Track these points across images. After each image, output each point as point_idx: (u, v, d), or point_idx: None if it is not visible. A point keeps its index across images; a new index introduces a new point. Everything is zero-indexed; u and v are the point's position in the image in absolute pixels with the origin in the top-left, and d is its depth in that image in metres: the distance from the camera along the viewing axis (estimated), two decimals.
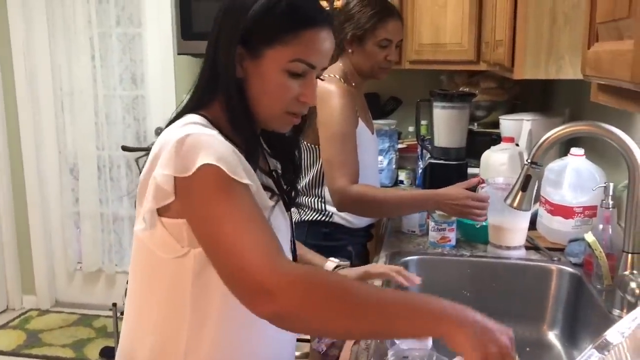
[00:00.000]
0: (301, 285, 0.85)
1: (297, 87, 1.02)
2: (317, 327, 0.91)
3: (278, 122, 1.07)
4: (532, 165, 1.38)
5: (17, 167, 3.73)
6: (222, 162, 0.92)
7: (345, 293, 0.87)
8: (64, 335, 3.48)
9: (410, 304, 0.89)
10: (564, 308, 1.61)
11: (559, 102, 2.65)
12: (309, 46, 1.01)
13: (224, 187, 0.92)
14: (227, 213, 0.91)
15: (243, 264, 0.87)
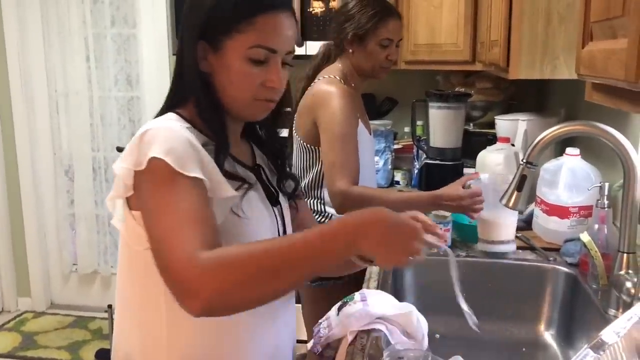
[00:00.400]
0: (211, 273, 0.85)
1: (262, 74, 1.03)
2: (245, 304, 0.91)
3: (249, 111, 1.08)
4: (527, 165, 1.38)
5: (11, 169, 3.71)
6: (170, 155, 0.93)
7: (253, 261, 0.87)
8: (60, 337, 3.47)
9: (315, 238, 0.90)
10: (560, 308, 1.61)
11: (554, 102, 2.65)
12: (266, 31, 1.01)
13: (167, 181, 0.93)
14: (164, 208, 0.92)
15: (168, 262, 0.89)
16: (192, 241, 0.88)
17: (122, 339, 1.12)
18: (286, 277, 0.89)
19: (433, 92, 2.51)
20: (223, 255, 0.87)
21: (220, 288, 0.85)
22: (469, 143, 2.56)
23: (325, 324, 1.34)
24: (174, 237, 0.89)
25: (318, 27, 2.90)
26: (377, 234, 0.88)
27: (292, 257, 0.88)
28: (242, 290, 0.87)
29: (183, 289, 0.87)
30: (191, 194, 0.93)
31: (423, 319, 1.28)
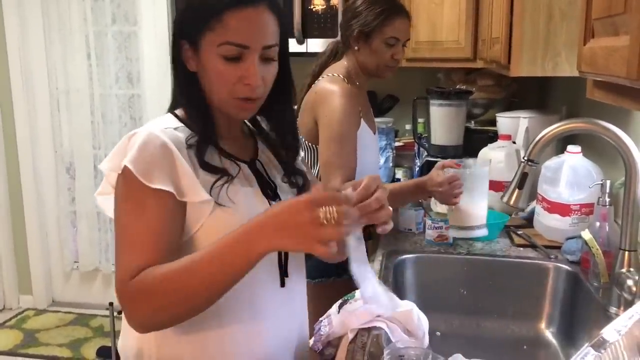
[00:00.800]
0: (134, 300, 0.95)
1: (238, 71, 1.03)
2: (173, 321, 0.98)
3: (230, 108, 1.09)
4: (528, 163, 1.38)
5: (13, 167, 3.71)
6: (137, 164, 0.98)
7: (166, 285, 0.93)
8: (61, 334, 3.47)
9: (216, 251, 0.92)
10: (561, 306, 1.60)
11: (555, 100, 2.65)
12: (234, 27, 1.01)
13: (130, 192, 1.00)
14: (122, 222, 1.00)
15: (115, 281, 0.98)
16: (126, 269, 0.96)
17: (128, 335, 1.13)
18: (200, 293, 0.94)
19: (434, 90, 2.51)
20: (141, 283, 0.94)
21: (144, 312, 0.96)
22: (470, 140, 2.55)
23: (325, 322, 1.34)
24: (117, 261, 0.98)
25: (319, 24, 2.89)
26: (267, 229, 0.88)
27: (200, 274, 0.92)
28: (161, 312, 0.95)
29: (124, 311, 0.99)
30: (148, 209, 0.99)
31: (424, 316, 1.28)
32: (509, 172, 1.98)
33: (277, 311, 1.13)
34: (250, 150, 1.18)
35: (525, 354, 1.54)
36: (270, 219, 0.88)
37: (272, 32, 1.05)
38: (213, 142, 1.09)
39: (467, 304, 1.67)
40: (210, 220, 1.03)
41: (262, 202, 1.12)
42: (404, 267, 1.70)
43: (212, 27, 1.01)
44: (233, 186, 1.07)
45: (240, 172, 1.10)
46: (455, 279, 1.71)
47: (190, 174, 1.02)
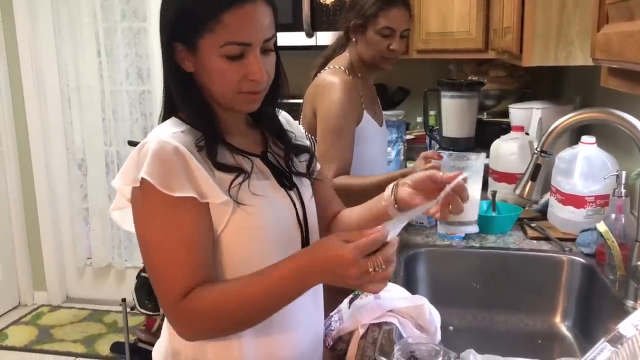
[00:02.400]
0: (187, 319, 1.00)
1: (241, 68, 1.02)
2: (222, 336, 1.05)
3: (237, 104, 1.08)
4: (542, 154, 1.35)
5: (26, 164, 3.73)
6: (156, 176, 0.97)
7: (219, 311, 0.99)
8: (75, 330, 3.49)
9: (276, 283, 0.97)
10: (576, 299, 1.58)
11: (569, 90, 2.61)
12: (235, 26, 0.99)
13: (152, 203, 0.99)
14: (153, 239, 1.00)
15: (158, 297, 1.02)
16: (175, 286, 0.98)
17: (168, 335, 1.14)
18: (249, 320, 1.01)
19: (445, 82, 2.48)
20: (194, 306, 0.98)
21: (193, 332, 1.02)
22: (482, 132, 2.53)
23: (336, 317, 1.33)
24: (161, 280, 1.00)
25: (328, 17, 2.87)
26: (320, 273, 0.94)
27: (252, 304, 0.98)
28: (211, 334, 1.04)
29: (171, 325, 1.03)
30: (176, 220, 0.99)
31: (436, 311, 1.26)
32: (522, 164, 1.95)
33: (305, 302, 1.13)
34: (259, 143, 1.18)
35: (540, 348, 1.51)
36: (318, 266, 0.94)
37: (270, 24, 1.04)
38: (221, 140, 1.07)
39: (480, 298, 1.66)
40: (233, 220, 1.03)
41: (280, 193, 1.12)
42: (416, 261, 1.69)
43: (211, 28, 0.99)
44: (250, 182, 1.06)
45: (254, 167, 1.09)
46: (468, 273, 1.69)
47: (207, 176, 1.01)
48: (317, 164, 1.28)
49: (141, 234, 1.01)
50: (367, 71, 1.97)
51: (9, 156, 3.69)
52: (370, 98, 2.00)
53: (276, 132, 1.21)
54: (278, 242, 1.07)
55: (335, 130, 1.81)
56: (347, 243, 0.91)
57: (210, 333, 1.03)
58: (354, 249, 0.89)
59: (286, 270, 0.95)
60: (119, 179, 1.04)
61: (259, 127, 1.20)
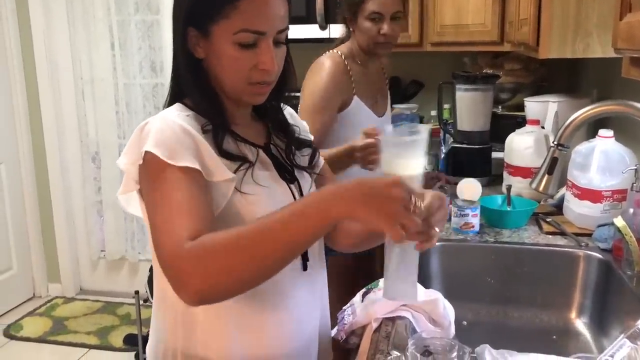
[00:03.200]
0: (194, 262, 0.87)
1: (253, 57, 1.01)
2: (233, 288, 0.91)
3: (246, 95, 1.07)
4: (558, 147, 1.33)
5: (40, 157, 3.75)
6: (160, 147, 0.95)
7: (232, 245, 0.87)
8: (89, 322, 3.52)
9: (288, 213, 0.87)
10: (593, 295, 1.56)
11: (586, 83, 2.57)
12: (250, 14, 0.99)
13: (158, 173, 0.95)
14: (157, 202, 0.95)
15: (160, 255, 0.91)
16: (179, 233, 0.90)
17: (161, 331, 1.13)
18: (267, 256, 0.87)
19: (460, 74, 2.45)
20: (204, 243, 0.88)
21: (204, 275, 0.87)
22: (497, 126, 2.50)
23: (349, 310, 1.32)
24: (164, 231, 0.92)
25: None
26: (352, 195, 0.84)
27: (269, 236, 0.86)
28: (226, 275, 0.87)
29: (175, 281, 0.89)
30: (181, 184, 0.95)
31: (450, 306, 1.25)
32: (538, 158, 1.93)
33: (300, 296, 1.13)
34: (262, 135, 1.17)
35: (555, 344, 1.50)
36: (360, 187, 0.84)
37: (284, 15, 1.03)
38: (227, 128, 1.07)
39: (494, 293, 1.64)
40: (231, 204, 1.02)
41: (281, 185, 1.11)
42: (430, 255, 1.67)
43: (227, 14, 0.98)
44: (254, 171, 1.06)
45: (258, 157, 1.09)
46: (482, 268, 1.67)
47: (213, 153, 1.01)
48: (321, 159, 1.27)
49: (147, 203, 0.99)
50: (367, 59, 2.01)
51: (23, 149, 3.71)
52: (369, 86, 2.01)
53: (280, 125, 1.20)
54: None
55: (313, 109, 1.83)
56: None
57: (221, 276, 0.88)
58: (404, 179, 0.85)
59: (309, 198, 0.89)
60: (123, 157, 1.02)
61: (262, 120, 1.20)
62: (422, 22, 2.79)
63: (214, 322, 1.06)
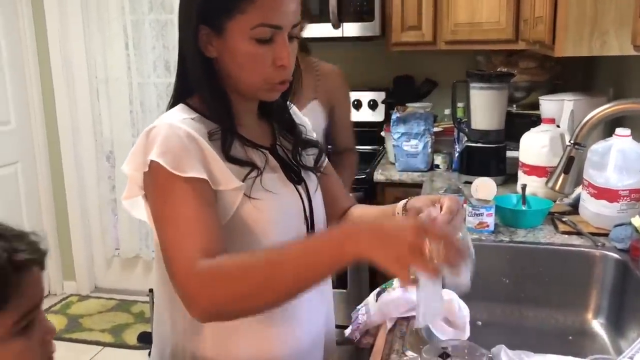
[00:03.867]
0: (206, 285, 0.88)
1: (270, 52, 1.00)
2: (240, 314, 0.93)
3: (263, 93, 1.06)
4: (575, 146, 1.32)
5: (55, 156, 3.78)
6: (166, 156, 0.94)
7: (243, 275, 0.88)
8: (103, 320, 3.54)
9: (302, 250, 0.88)
10: (610, 295, 1.54)
11: (602, 81, 2.55)
12: (267, 8, 0.97)
13: (165, 185, 0.95)
14: (166, 216, 0.95)
15: (171, 272, 0.93)
16: (190, 252, 0.90)
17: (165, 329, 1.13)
18: (277, 290, 0.89)
19: (474, 73, 2.44)
20: (213, 268, 0.89)
21: (214, 300, 0.89)
22: (512, 125, 2.48)
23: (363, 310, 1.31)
24: (176, 249, 0.92)
25: (355, 8, 2.84)
26: (366, 235, 0.84)
27: (279, 270, 0.87)
28: (234, 302, 0.89)
29: (185, 298, 0.91)
30: (188, 198, 0.94)
31: (465, 306, 1.24)
32: (553, 157, 1.92)
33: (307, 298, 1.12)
34: (268, 135, 1.15)
35: (571, 344, 1.48)
36: (372, 228, 0.85)
37: (297, 9, 1.02)
38: (235, 132, 1.05)
39: (509, 293, 1.63)
40: (240, 212, 1.01)
41: (289, 188, 1.10)
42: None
43: (243, 9, 0.97)
44: (262, 176, 1.05)
45: (266, 162, 1.08)
46: (497, 267, 1.66)
47: (220, 161, 0.99)
48: (326, 158, 1.26)
49: (154, 214, 0.98)
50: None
51: (39, 147, 3.74)
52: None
53: (287, 125, 1.19)
54: (283, 237, 1.02)
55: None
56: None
57: (231, 302, 0.89)
58: (420, 223, 0.83)
59: (323, 235, 0.90)
60: (127, 164, 1.01)
61: (267, 120, 1.18)
62: (436, 20, 2.78)
63: (222, 324, 1.05)
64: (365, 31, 2.87)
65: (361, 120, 3.16)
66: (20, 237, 0.79)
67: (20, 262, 0.76)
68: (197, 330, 1.06)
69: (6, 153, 3.55)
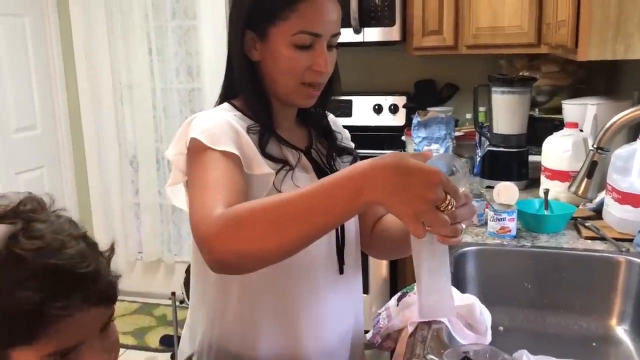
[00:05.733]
0: (221, 227, 0.86)
1: (308, 58, 1.06)
2: (257, 257, 0.87)
3: (298, 96, 1.10)
4: (598, 151, 1.31)
5: (80, 160, 3.84)
6: (204, 134, 1.00)
7: (260, 213, 0.85)
8: (126, 323, 3.58)
9: (320, 187, 0.83)
10: (634, 302, 1.52)
11: (626, 85, 2.51)
12: (309, 16, 1.04)
13: (200, 155, 1.00)
14: (195, 179, 0.99)
15: (192, 223, 0.93)
16: (212, 202, 0.91)
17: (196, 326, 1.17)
18: (293, 227, 0.83)
19: (496, 77, 2.43)
20: (232, 211, 0.86)
21: (227, 242, 0.85)
22: (534, 129, 2.47)
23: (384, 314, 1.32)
24: (198, 201, 0.94)
25: (376, 13, 2.85)
26: (385, 181, 0.79)
27: (298, 207, 0.83)
28: (248, 243, 0.85)
29: (202, 246, 0.88)
30: (220, 164, 0.98)
31: (486, 311, 1.24)
32: (576, 162, 1.90)
33: (336, 299, 1.16)
34: (305, 139, 1.20)
35: (595, 351, 1.47)
36: (396, 172, 0.79)
37: (337, 20, 1.08)
38: (272, 130, 1.11)
39: (531, 298, 1.61)
40: None
41: None
42: (466, 259, 1.66)
43: (286, 16, 1.04)
44: (294, 174, 1.09)
45: (299, 160, 1.12)
46: (519, 272, 1.65)
47: (254, 148, 1.04)
48: None
49: (189, 184, 1.03)
50: None
51: (64, 152, 3.80)
52: None
53: (323, 131, 1.23)
54: None
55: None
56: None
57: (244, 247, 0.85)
58: (444, 177, 0.79)
59: (341, 174, 0.84)
60: (171, 148, 1.07)
61: (306, 126, 1.23)
62: (457, 25, 2.77)
63: (248, 319, 1.09)
64: (386, 36, 2.88)
65: (382, 125, 3.17)
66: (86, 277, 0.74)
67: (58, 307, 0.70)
68: (225, 326, 1.11)
69: (32, 158, 3.62)
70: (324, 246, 1.12)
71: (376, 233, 1.25)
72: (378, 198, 0.79)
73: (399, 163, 0.79)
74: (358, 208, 0.83)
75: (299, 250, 0.87)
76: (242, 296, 1.10)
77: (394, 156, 0.80)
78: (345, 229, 1.17)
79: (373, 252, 1.29)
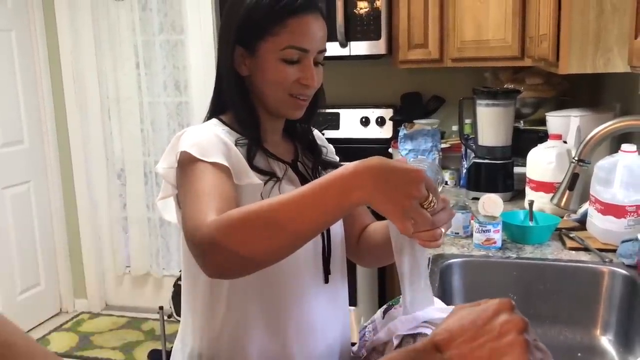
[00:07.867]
0: (218, 229, 0.87)
1: (296, 72, 1.10)
2: (250, 261, 0.88)
3: (287, 107, 1.13)
4: (579, 163, 1.33)
5: (67, 174, 3.83)
6: (194, 147, 1.02)
7: (251, 216, 0.87)
8: (114, 337, 3.56)
9: (309, 189, 0.86)
10: (618, 312, 1.54)
11: (609, 97, 2.55)
12: (297, 32, 1.08)
13: (190, 167, 1.02)
14: (186, 190, 1.01)
15: (185, 231, 0.95)
16: (205, 209, 0.93)
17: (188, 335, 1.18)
18: (284, 229, 0.85)
19: (481, 90, 2.46)
20: (228, 214, 0.88)
21: (225, 249, 0.86)
22: (519, 141, 2.49)
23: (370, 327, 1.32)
24: (191, 209, 0.96)
25: (362, 27, 2.88)
26: (373, 180, 0.82)
27: (290, 208, 0.85)
28: (244, 247, 0.86)
29: (196, 251, 0.90)
30: (209, 175, 1.00)
31: None
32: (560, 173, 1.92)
33: (321, 307, 1.17)
34: (291, 153, 1.23)
35: None
36: (382, 175, 0.82)
37: (324, 37, 1.13)
38: (260, 143, 1.14)
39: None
40: None
41: None
42: (452, 271, 1.67)
43: (275, 32, 1.07)
44: (281, 185, 1.11)
45: (286, 173, 1.15)
46: (505, 284, 1.66)
47: (243, 160, 1.07)
48: None
49: (180, 197, 1.04)
50: None
51: (51, 166, 3.79)
52: None
53: (308, 145, 1.26)
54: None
55: None
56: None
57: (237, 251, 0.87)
58: (425, 177, 0.84)
59: (329, 176, 0.86)
60: (161, 162, 1.09)
61: (292, 140, 1.26)
62: (442, 38, 2.81)
63: (237, 327, 1.10)
64: (372, 49, 2.90)
65: (369, 137, 3.19)
66: None
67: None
68: (215, 336, 1.12)
69: (19, 172, 3.61)
70: (310, 256, 1.14)
71: (362, 241, 1.28)
72: (366, 196, 0.83)
73: (383, 163, 0.84)
74: (349, 207, 0.86)
75: (292, 252, 0.90)
76: (230, 305, 1.11)
77: (378, 158, 0.85)
78: (332, 239, 1.19)
79: (359, 259, 1.31)
